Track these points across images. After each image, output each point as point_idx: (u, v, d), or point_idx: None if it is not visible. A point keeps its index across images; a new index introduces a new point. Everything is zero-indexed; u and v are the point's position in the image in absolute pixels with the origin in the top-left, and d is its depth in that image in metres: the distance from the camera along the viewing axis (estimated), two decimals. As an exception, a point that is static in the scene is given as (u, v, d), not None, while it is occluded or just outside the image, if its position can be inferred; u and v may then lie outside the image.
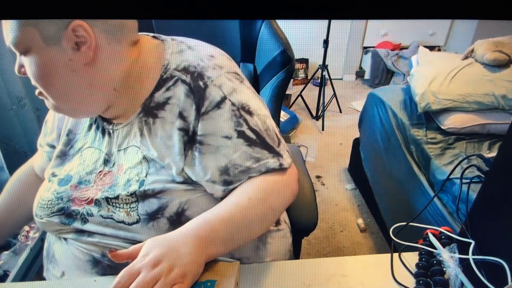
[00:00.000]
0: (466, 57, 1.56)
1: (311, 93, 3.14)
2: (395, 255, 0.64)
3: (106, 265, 0.60)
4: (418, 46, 1.87)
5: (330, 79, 2.94)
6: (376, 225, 1.78)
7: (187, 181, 0.59)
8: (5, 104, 0.97)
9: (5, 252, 0.75)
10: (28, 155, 1.05)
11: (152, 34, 0.65)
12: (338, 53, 3.75)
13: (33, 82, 0.56)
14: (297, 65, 3.74)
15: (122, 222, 0.58)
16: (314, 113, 2.99)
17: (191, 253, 0.50)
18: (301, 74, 3.80)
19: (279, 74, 0.90)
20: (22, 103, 1.02)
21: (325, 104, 2.86)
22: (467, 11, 0.25)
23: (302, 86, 3.16)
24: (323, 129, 2.79)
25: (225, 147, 0.57)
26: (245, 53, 0.98)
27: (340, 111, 3.10)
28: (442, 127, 1.42)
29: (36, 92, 0.58)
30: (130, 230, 0.58)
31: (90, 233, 0.60)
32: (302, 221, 0.77)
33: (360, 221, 1.81)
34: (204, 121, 0.57)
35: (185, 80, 0.58)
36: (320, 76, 2.88)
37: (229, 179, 0.58)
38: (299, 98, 3.05)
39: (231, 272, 0.54)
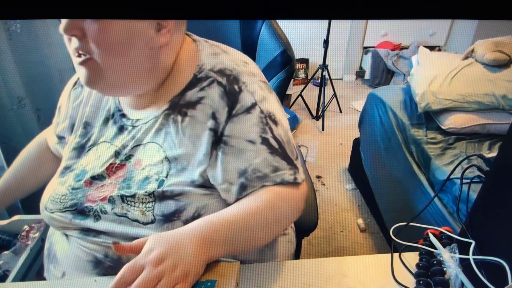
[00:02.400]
0: (466, 57, 1.56)
1: (311, 93, 3.14)
2: (395, 255, 0.64)
3: (107, 266, 0.59)
4: (418, 46, 1.87)
5: (330, 79, 2.94)
6: (376, 225, 1.78)
7: (206, 184, 0.59)
8: (5, 104, 0.97)
9: (5, 252, 0.74)
10: (28, 155, 1.05)
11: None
12: (338, 53, 3.75)
13: (103, 46, 0.53)
14: (297, 65, 3.74)
15: (136, 221, 0.57)
16: (314, 113, 2.99)
17: (194, 253, 0.50)
18: (301, 74, 3.80)
19: (280, 75, 0.90)
20: (22, 103, 1.02)
21: (325, 104, 2.86)
22: (467, 11, 0.25)
23: (302, 86, 3.16)
24: (323, 129, 2.79)
25: (248, 151, 0.58)
26: (245, 53, 0.98)
27: (340, 111, 3.10)
28: (442, 127, 1.42)
29: (79, 60, 0.55)
30: (143, 229, 0.58)
31: (97, 233, 0.60)
32: (302, 221, 0.77)
33: (360, 221, 1.81)
34: (232, 123, 0.58)
35: (221, 82, 0.59)
36: (320, 76, 2.88)
37: (246, 183, 0.58)
38: (299, 98, 3.05)
39: (231, 272, 0.54)
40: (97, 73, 0.56)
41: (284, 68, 0.89)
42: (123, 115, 0.65)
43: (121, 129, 0.64)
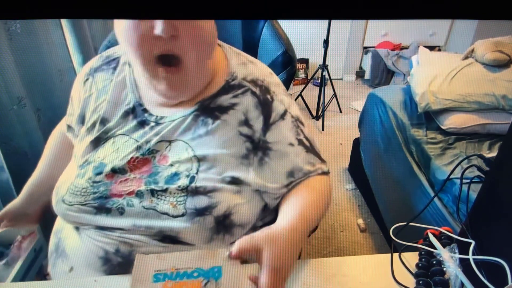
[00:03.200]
0: (466, 57, 1.56)
1: (311, 93, 3.14)
2: (395, 255, 0.64)
3: (116, 263, 0.59)
4: (418, 46, 1.87)
5: (330, 79, 2.94)
6: (376, 225, 1.78)
7: (236, 181, 0.61)
8: (5, 104, 0.97)
9: None
10: (28, 155, 1.05)
11: None
12: (338, 53, 3.75)
13: (197, 46, 0.56)
14: (297, 65, 3.74)
15: (166, 213, 0.58)
16: (314, 113, 2.99)
17: (297, 249, 0.56)
18: (301, 74, 3.80)
19: (280, 75, 0.90)
20: (22, 103, 1.02)
21: (325, 104, 2.86)
22: (467, 11, 0.25)
23: (302, 86, 3.16)
24: (323, 129, 2.79)
25: (291, 153, 0.64)
26: (246, 53, 0.98)
27: (340, 111, 3.10)
28: (442, 127, 1.42)
29: (168, 70, 0.57)
30: (172, 222, 0.58)
31: (113, 228, 0.60)
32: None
33: (360, 221, 1.81)
34: (272, 130, 0.63)
35: (255, 92, 0.64)
36: (320, 76, 2.88)
37: (293, 180, 0.64)
38: (299, 98, 3.05)
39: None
40: (184, 78, 0.58)
41: (285, 69, 0.89)
42: (145, 110, 0.65)
43: (142, 123, 0.65)
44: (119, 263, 0.59)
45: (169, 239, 0.59)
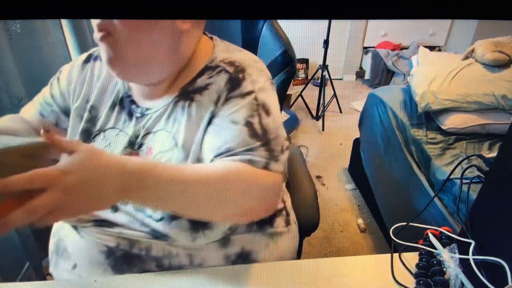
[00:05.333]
0: (466, 57, 1.56)
1: (311, 93, 3.14)
2: (395, 255, 0.64)
3: (119, 256, 0.60)
4: (418, 46, 1.87)
5: (330, 79, 2.94)
6: (376, 225, 1.78)
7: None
8: (4, 104, 0.97)
9: None
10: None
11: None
12: (338, 53, 3.75)
13: (124, 22, 0.53)
14: (297, 65, 3.73)
15: (150, 217, 0.58)
16: (314, 113, 2.99)
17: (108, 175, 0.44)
18: (301, 74, 3.80)
19: (280, 75, 0.90)
20: (22, 103, 1.02)
21: (325, 104, 2.86)
22: (467, 11, 0.25)
23: (302, 86, 3.16)
24: (323, 129, 2.79)
25: (229, 130, 0.57)
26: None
27: (340, 111, 3.09)
28: (442, 127, 1.42)
29: (99, 36, 0.55)
30: (158, 225, 0.58)
31: (112, 224, 0.60)
32: (303, 222, 0.77)
33: (360, 221, 1.81)
34: (224, 105, 0.59)
35: (228, 71, 0.61)
36: (320, 76, 2.88)
37: (217, 154, 0.56)
38: (299, 98, 3.04)
39: None
40: (117, 51, 0.55)
41: (285, 69, 0.89)
42: (133, 102, 0.65)
43: (131, 116, 0.64)
44: (122, 255, 0.60)
45: (163, 236, 0.59)
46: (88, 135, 0.66)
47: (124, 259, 0.60)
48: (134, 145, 0.63)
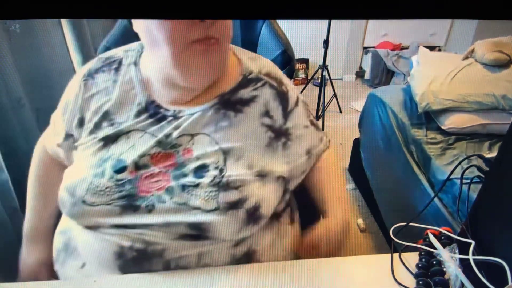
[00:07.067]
0: (466, 57, 1.56)
1: (311, 93, 3.14)
2: (395, 255, 0.64)
3: (130, 258, 0.59)
4: (418, 46, 1.87)
5: (330, 79, 2.94)
6: (376, 225, 1.78)
7: (261, 173, 0.63)
8: (4, 104, 0.97)
9: None
10: (28, 155, 1.05)
11: None
12: (338, 53, 3.75)
13: (228, 28, 0.61)
14: (297, 65, 3.73)
15: (198, 208, 0.59)
16: (314, 113, 2.98)
17: None
18: (301, 74, 3.80)
19: (279, 74, 0.90)
20: (22, 103, 1.02)
21: (325, 104, 2.86)
22: (467, 11, 0.25)
23: (302, 86, 3.16)
24: (323, 129, 2.79)
25: (306, 134, 0.71)
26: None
27: (340, 111, 3.09)
28: (442, 127, 1.42)
29: (207, 43, 0.58)
30: (205, 216, 0.59)
31: (134, 225, 0.59)
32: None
33: (360, 221, 1.81)
34: (290, 117, 0.69)
35: (273, 85, 0.69)
36: (320, 76, 2.88)
37: (310, 155, 0.72)
38: (299, 98, 3.04)
39: None
40: (219, 57, 0.62)
41: (284, 68, 0.89)
42: (159, 106, 0.65)
43: (159, 119, 0.65)
44: (133, 257, 0.59)
45: (190, 236, 0.59)
46: (108, 140, 0.65)
47: (134, 261, 0.59)
48: (165, 145, 0.63)
